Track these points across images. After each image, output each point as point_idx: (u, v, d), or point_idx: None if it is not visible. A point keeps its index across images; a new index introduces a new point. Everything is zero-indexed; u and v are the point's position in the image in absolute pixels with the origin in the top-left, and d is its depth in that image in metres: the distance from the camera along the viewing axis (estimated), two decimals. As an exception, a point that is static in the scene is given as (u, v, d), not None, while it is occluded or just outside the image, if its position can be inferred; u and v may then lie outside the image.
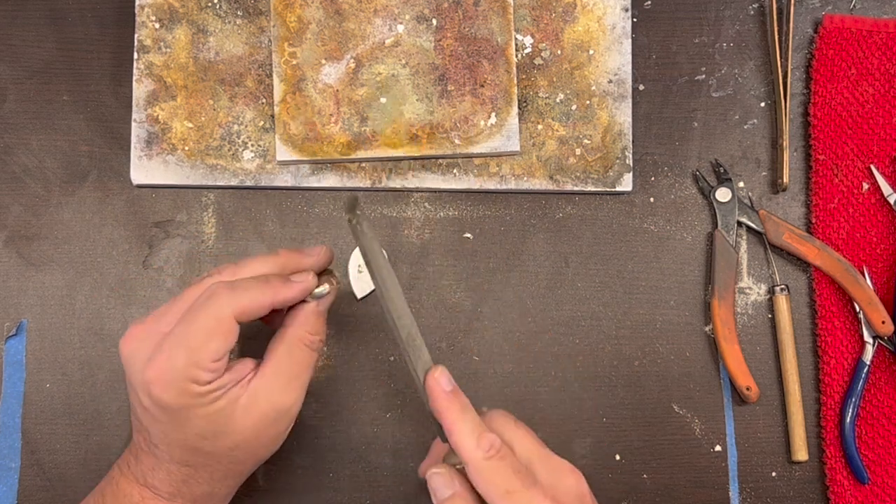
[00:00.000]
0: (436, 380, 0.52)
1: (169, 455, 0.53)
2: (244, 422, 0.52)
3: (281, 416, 0.54)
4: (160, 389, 0.50)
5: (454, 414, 0.51)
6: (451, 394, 0.52)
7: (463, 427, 0.51)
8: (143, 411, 0.52)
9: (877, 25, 0.68)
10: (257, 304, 0.52)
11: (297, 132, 0.66)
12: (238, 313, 0.51)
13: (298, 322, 0.54)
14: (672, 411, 0.67)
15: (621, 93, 0.67)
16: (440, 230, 0.68)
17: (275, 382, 0.53)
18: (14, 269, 0.67)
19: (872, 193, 0.68)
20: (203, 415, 0.51)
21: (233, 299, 0.51)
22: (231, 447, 0.53)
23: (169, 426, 0.51)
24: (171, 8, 0.67)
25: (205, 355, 0.50)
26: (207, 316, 0.51)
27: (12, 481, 0.65)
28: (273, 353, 0.54)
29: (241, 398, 0.52)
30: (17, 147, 0.68)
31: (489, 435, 0.51)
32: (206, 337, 0.50)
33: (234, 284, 0.52)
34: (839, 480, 0.65)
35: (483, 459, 0.50)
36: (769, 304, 0.67)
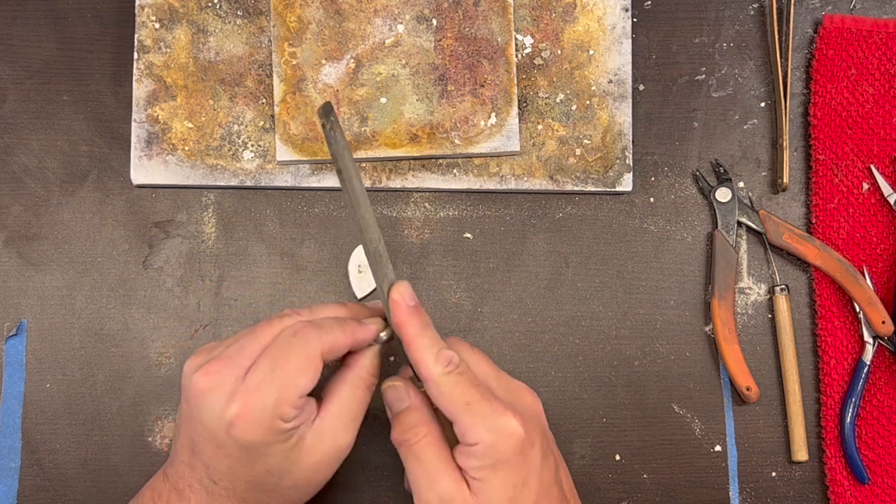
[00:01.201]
0: (400, 293, 0.52)
1: (229, 492, 0.52)
2: (308, 460, 0.52)
3: (339, 455, 0.54)
4: (247, 426, 0.49)
5: (414, 329, 0.52)
6: (412, 309, 0.52)
7: (422, 343, 0.51)
8: (213, 447, 0.51)
9: (877, 25, 0.68)
10: (341, 343, 0.52)
11: (298, 132, 0.66)
12: (325, 351, 0.51)
13: (361, 364, 0.55)
14: (672, 411, 0.67)
15: (621, 93, 0.67)
16: (440, 230, 0.68)
17: (338, 422, 0.53)
18: (14, 269, 0.67)
19: (872, 193, 0.68)
20: (278, 451, 0.51)
21: (320, 337, 0.51)
22: (291, 485, 0.53)
23: (240, 463, 0.51)
24: (171, 8, 0.67)
25: (294, 392, 0.50)
26: (297, 352, 0.51)
27: (12, 481, 0.65)
28: (336, 393, 0.54)
29: (306, 437, 0.52)
30: (17, 147, 0.68)
31: (447, 351, 0.51)
32: (296, 373, 0.50)
33: (319, 323, 0.52)
34: (839, 480, 0.65)
35: (442, 374, 0.51)
36: (769, 304, 0.67)
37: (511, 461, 0.50)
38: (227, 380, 0.50)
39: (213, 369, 0.51)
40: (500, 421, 0.50)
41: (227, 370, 0.51)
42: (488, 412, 0.50)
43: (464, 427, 0.50)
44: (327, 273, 0.67)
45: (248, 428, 0.49)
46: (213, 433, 0.50)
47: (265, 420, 0.50)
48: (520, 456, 0.50)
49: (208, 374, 0.51)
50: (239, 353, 0.51)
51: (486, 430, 0.50)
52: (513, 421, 0.50)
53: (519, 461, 0.50)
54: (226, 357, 0.51)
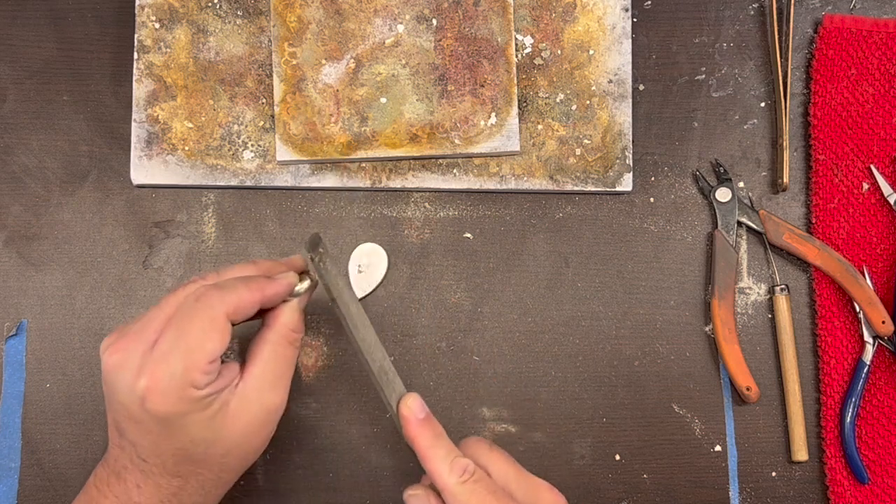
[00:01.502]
0: (409, 408, 0.53)
1: (160, 468, 0.52)
2: (235, 425, 0.52)
3: (270, 417, 0.54)
4: (158, 398, 0.49)
5: (427, 441, 0.52)
6: (423, 421, 0.52)
7: (436, 453, 0.51)
8: (133, 424, 0.51)
9: (877, 25, 0.68)
10: (247, 302, 0.52)
11: (297, 132, 0.66)
12: (230, 312, 0.51)
13: (281, 320, 0.54)
14: (672, 411, 0.67)
15: (621, 93, 0.67)
16: (440, 230, 0.68)
17: (263, 383, 0.53)
18: (14, 269, 0.67)
19: (872, 193, 0.68)
20: (198, 420, 0.51)
21: (223, 298, 0.51)
22: (223, 453, 0.52)
23: (161, 436, 0.51)
24: (171, 8, 0.67)
25: (201, 357, 0.50)
26: (201, 317, 0.50)
27: (12, 481, 0.65)
28: (257, 353, 0.54)
29: (230, 402, 0.52)
30: (17, 147, 0.68)
31: (462, 460, 0.51)
32: (202, 338, 0.50)
33: (222, 285, 0.52)
34: (839, 480, 0.65)
35: (457, 484, 0.50)
36: (769, 304, 0.67)
37: None
38: (135, 354, 0.50)
39: (121, 346, 0.51)
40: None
41: (133, 345, 0.50)
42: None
43: None
44: (327, 273, 0.67)
45: (159, 399, 0.49)
46: (130, 410, 0.50)
47: (176, 389, 0.49)
48: None
49: (116, 351, 0.50)
50: (145, 327, 0.51)
51: None
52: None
53: None
54: (132, 332, 0.51)
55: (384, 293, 0.67)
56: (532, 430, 0.66)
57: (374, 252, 0.67)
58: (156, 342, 0.50)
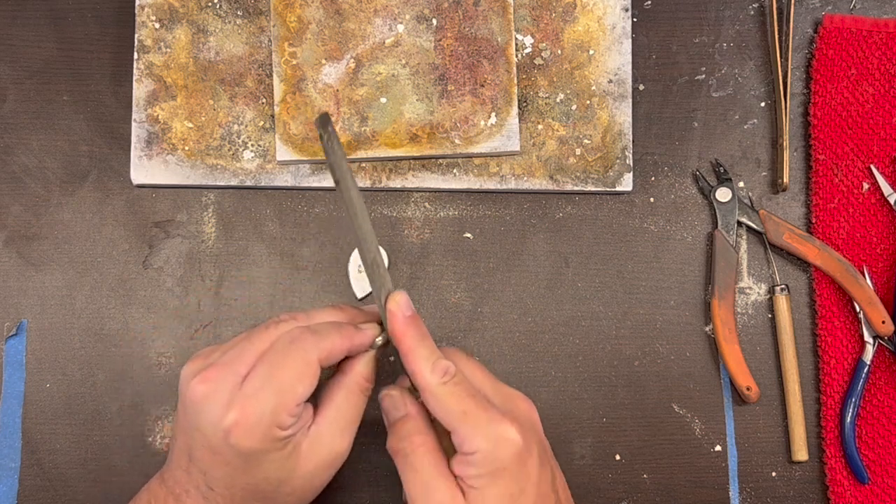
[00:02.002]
0: (396, 303, 0.52)
1: (226, 499, 0.52)
2: (305, 467, 0.52)
3: (336, 462, 0.54)
4: (244, 433, 0.49)
5: (411, 340, 0.52)
6: (409, 319, 0.52)
7: (419, 353, 0.51)
8: (210, 455, 0.51)
9: (877, 25, 0.68)
10: (338, 349, 0.52)
11: (298, 132, 0.66)
12: (322, 357, 0.51)
13: (357, 370, 0.54)
14: (672, 411, 0.67)
15: (621, 93, 0.67)
16: (440, 230, 0.68)
17: (334, 428, 0.53)
18: (14, 269, 0.67)
19: (872, 193, 0.68)
20: (275, 459, 0.51)
21: (318, 343, 0.51)
22: (289, 492, 0.53)
23: (237, 470, 0.51)
24: (171, 8, 0.67)
25: (291, 399, 0.50)
26: (294, 359, 0.50)
27: (12, 481, 0.65)
28: (332, 399, 0.54)
29: (303, 443, 0.52)
30: (17, 147, 0.68)
31: (444, 361, 0.51)
32: (294, 381, 0.50)
33: (316, 329, 0.52)
34: (839, 480, 0.65)
35: (438, 384, 0.50)
36: (769, 304, 0.67)
37: (509, 469, 0.50)
38: (225, 387, 0.50)
39: (211, 376, 0.50)
40: (498, 429, 0.50)
41: (224, 377, 0.50)
42: (486, 421, 0.50)
43: (461, 436, 0.50)
44: (327, 273, 0.67)
45: (245, 435, 0.49)
46: (211, 440, 0.50)
47: (263, 428, 0.49)
48: (518, 464, 0.50)
49: (205, 380, 0.50)
50: (236, 360, 0.51)
51: (483, 439, 0.49)
52: (511, 429, 0.50)
53: (517, 469, 0.50)
54: (223, 363, 0.51)
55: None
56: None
57: (374, 252, 0.67)
58: (246, 377, 0.50)
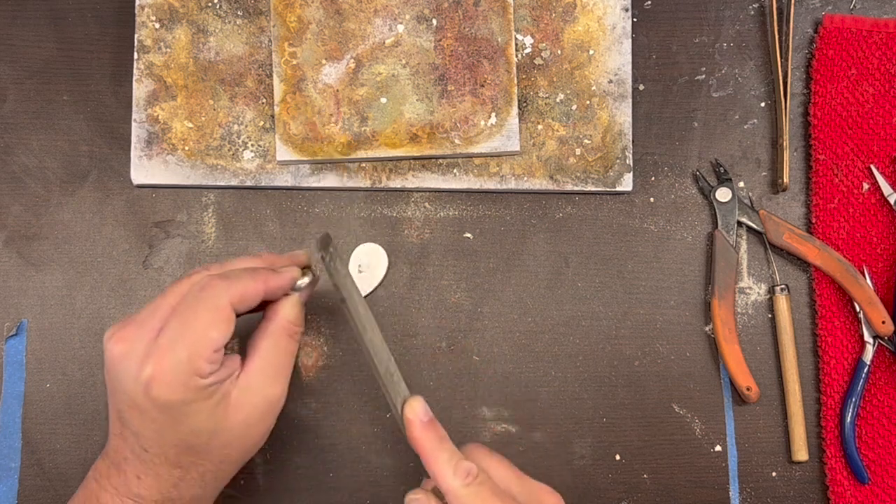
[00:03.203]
0: (413, 410, 0.53)
1: (161, 458, 0.52)
2: (236, 417, 0.52)
3: (270, 410, 0.54)
4: (163, 385, 0.50)
5: (431, 444, 0.52)
6: (427, 424, 0.52)
7: (440, 456, 0.51)
8: (136, 413, 0.51)
9: (877, 25, 0.68)
10: (251, 292, 0.52)
11: (297, 132, 0.66)
12: (235, 302, 0.51)
13: (281, 313, 0.55)
14: (672, 411, 0.67)
15: (621, 93, 0.67)
16: (440, 230, 0.68)
17: (263, 375, 0.53)
18: (14, 269, 0.67)
19: (872, 193, 0.68)
20: (201, 410, 0.51)
21: (228, 288, 0.51)
22: (223, 444, 0.53)
23: (164, 425, 0.51)
24: (171, 8, 0.67)
25: (206, 346, 0.50)
26: (206, 306, 0.51)
27: (12, 481, 0.65)
28: (258, 346, 0.54)
29: (232, 393, 0.52)
30: (17, 147, 0.68)
31: (466, 462, 0.51)
32: (206, 327, 0.50)
33: (227, 275, 0.52)
34: (839, 480, 0.65)
35: (461, 487, 0.50)
36: (769, 304, 0.67)
37: None
38: (140, 343, 0.50)
39: (126, 335, 0.51)
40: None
41: (138, 333, 0.51)
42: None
43: None
44: (327, 273, 0.67)
45: (164, 387, 0.50)
46: (134, 398, 0.50)
47: (181, 377, 0.50)
48: None
49: (121, 340, 0.51)
50: (150, 316, 0.51)
51: None
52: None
53: None
54: (137, 321, 0.52)
55: (384, 293, 0.67)
56: (532, 430, 0.66)
57: (374, 252, 0.67)
58: (160, 331, 0.51)
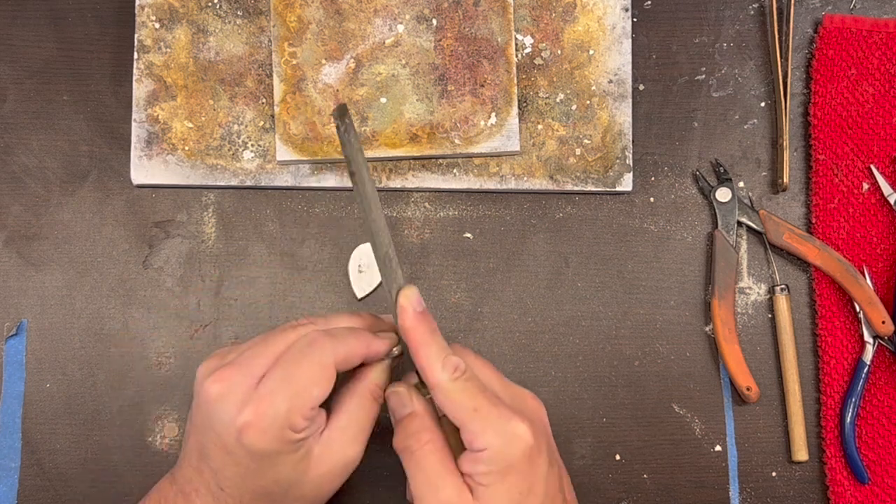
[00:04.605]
0: (407, 298, 0.52)
1: (235, 500, 0.52)
2: (316, 471, 0.52)
3: (347, 469, 0.54)
4: (257, 434, 0.49)
5: (421, 335, 0.52)
6: (420, 315, 0.52)
7: (430, 349, 0.51)
8: (222, 454, 0.51)
9: (877, 25, 0.68)
10: (355, 354, 0.52)
11: (298, 132, 0.66)
12: (339, 362, 0.51)
13: (371, 377, 0.54)
14: (672, 411, 0.67)
15: (621, 93, 0.67)
16: (440, 230, 0.68)
17: (346, 435, 0.53)
18: (14, 269, 0.67)
19: (872, 193, 0.68)
20: (287, 462, 0.51)
21: (335, 348, 0.51)
22: (298, 496, 0.53)
23: (248, 471, 0.51)
24: (171, 8, 0.67)
25: (306, 402, 0.50)
26: (311, 362, 0.50)
27: (12, 481, 0.65)
28: (345, 405, 0.54)
29: (314, 448, 0.52)
30: (17, 147, 0.68)
31: (454, 357, 0.51)
32: (309, 383, 0.50)
33: (334, 333, 0.52)
34: (839, 480, 0.65)
35: (449, 381, 0.50)
36: (769, 304, 0.67)
37: (518, 467, 0.50)
38: (240, 387, 0.50)
39: (226, 376, 0.50)
40: (509, 426, 0.50)
41: (239, 377, 0.50)
42: (496, 417, 0.50)
43: (472, 432, 0.50)
44: (327, 273, 0.67)
45: (258, 436, 0.49)
46: (224, 439, 0.50)
47: (276, 429, 0.49)
48: (527, 462, 0.50)
49: (221, 380, 0.50)
50: (252, 360, 0.51)
51: (494, 435, 0.49)
52: (521, 426, 0.50)
53: (526, 467, 0.50)
54: (239, 363, 0.51)
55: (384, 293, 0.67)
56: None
57: (374, 252, 0.67)
58: (262, 378, 0.50)
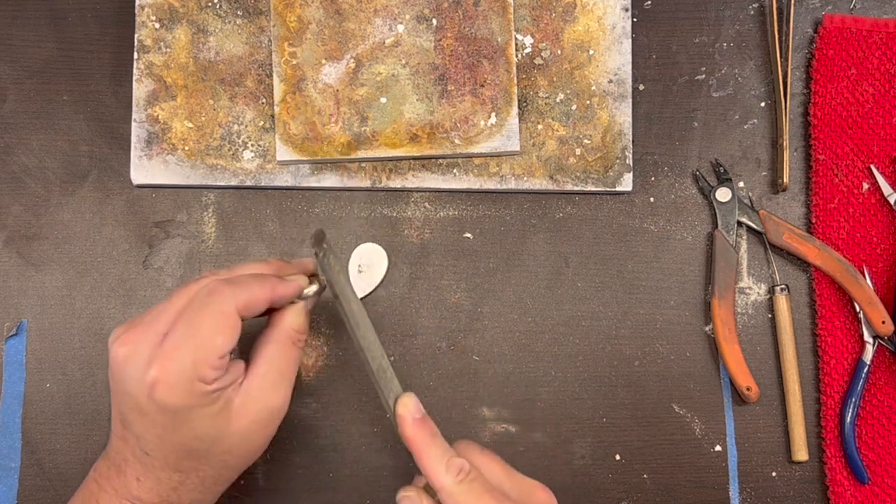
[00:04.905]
0: (405, 407, 0.53)
1: (162, 461, 0.52)
2: (238, 423, 0.52)
3: (272, 417, 0.54)
4: (166, 390, 0.49)
5: (423, 440, 0.52)
6: (419, 421, 0.52)
7: (432, 453, 0.51)
8: (139, 416, 0.51)
9: (877, 25, 0.68)
10: (258, 299, 0.52)
11: (297, 132, 0.66)
12: (241, 308, 0.51)
13: (287, 321, 0.54)
14: (672, 411, 0.67)
15: (621, 93, 0.67)
16: (440, 230, 0.68)
17: (266, 382, 0.53)
18: (14, 269, 0.67)
19: (872, 193, 0.68)
20: (203, 415, 0.51)
21: (235, 294, 0.51)
22: (225, 450, 0.53)
23: (166, 429, 0.51)
24: (171, 8, 0.67)
25: (211, 352, 0.50)
26: (212, 312, 0.50)
27: (12, 481, 0.65)
28: (262, 352, 0.54)
29: (234, 399, 0.52)
30: (17, 147, 0.68)
31: (458, 459, 0.51)
32: (212, 333, 0.50)
33: (234, 280, 0.52)
34: (839, 480, 0.65)
35: (454, 483, 0.50)
36: (769, 304, 0.67)
37: None
38: (145, 346, 0.50)
39: (131, 338, 0.51)
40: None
41: (144, 336, 0.50)
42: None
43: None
44: (327, 273, 0.67)
45: (168, 391, 0.49)
46: (137, 401, 0.50)
47: (185, 382, 0.49)
48: None
49: (126, 342, 0.51)
50: (155, 319, 0.51)
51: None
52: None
53: None
54: (143, 324, 0.51)
55: (384, 293, 0.67)
56: (532, 430, 0.66)
57: (374, 252, 0.67)
58: (166, 334, 0.50)
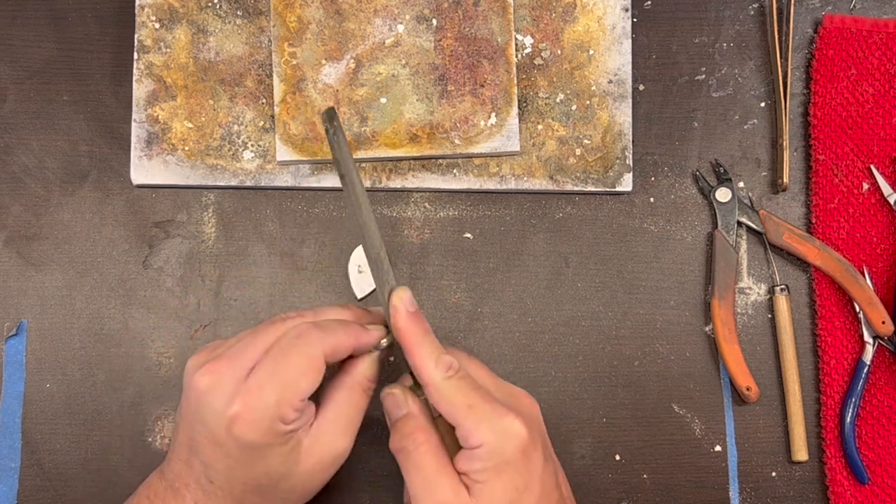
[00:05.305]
0: (400, 299, 0.53)
1: (225, 492, 0.52)
2: (306, 464, 0.52)
3: (336, 461, 0.54)
4: (247, 426, 0.49)
5: (415, 334, 0.52)
6: (413, 315, 0.53)
7: (423, 348, 0.52)
8: (212, 446, 0.51)
9: (877, 25, 0.68)
10: (343, 346, 0.52)
11: (297, 132, 0.66)
12: (327, 353, 0.51)
13: (360, 370, 0.55)
14: (672, 411, 0.67)
15: (621, 93, 0.67)
16: (440, 230, 0.68)
17: (336, 427, 0.53)
18: (14, 269, 0.67)
19: (872, 193, 0.68)
20: (276, 454, 0.51)
21: (323, 339, 0.51)
22: (288, 488, 0.53)
23: (239, 463, 0.51)
24: (171, 8, 0.67)
25: (295, 394, 0.50)
26: (299, 354, 0.50)
27: (12, 481, 0.65)
28: (334, 397, 0.54)
29: (303, 440, 0.52)
30: (17, 147, 0.68)
31: (447, 356, 0.52)
32: (298, 375, 0.50)
33: (322, 325, 0.52)
34: (839, 480, 0.65)
35: (442, 379, 0.51)
36: (769, 304, 0.67)
37: (514, 463, 0.50)
38: (230, 379, 0.50)
39: (215, 368, 0.51)
40: (504, 422, 0.50)
41: (228, 369, 0.51)
42: (491, 414, 0.50)
43: (466, 429, 0.50)
44: (327, 273, 0.67)
45: (248, 428, 0.49)
46: (213, 432, 0.50)
47: (266, 420, 0.49)
48: (523, 458, 0.50)
49: (210, 372, 0.51)
50: (241, 353, 0.51)
51: (489, 432, 0.50)
52: (516, 422, 0.50)
53: (522, 463, 0.50)
54: (228, 356, 0.51)
55: (384, 293, 0.67)
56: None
57: (374, 252, 0.67)
58: (251, 371, 0.50)
